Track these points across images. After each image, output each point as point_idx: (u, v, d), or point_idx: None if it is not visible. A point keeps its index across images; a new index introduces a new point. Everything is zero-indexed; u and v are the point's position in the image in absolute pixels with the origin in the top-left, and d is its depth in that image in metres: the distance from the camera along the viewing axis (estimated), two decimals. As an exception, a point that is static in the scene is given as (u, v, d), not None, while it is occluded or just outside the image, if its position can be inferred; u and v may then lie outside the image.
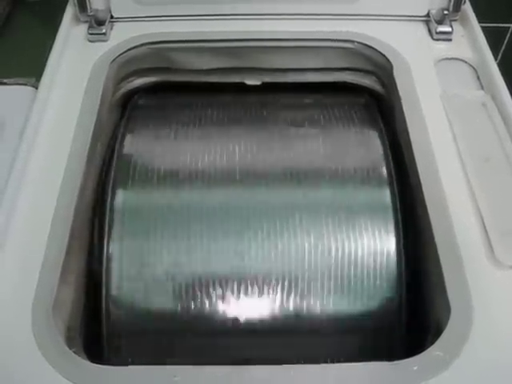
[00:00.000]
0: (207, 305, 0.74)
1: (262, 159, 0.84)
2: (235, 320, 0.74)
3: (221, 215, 0.78)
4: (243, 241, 0.76)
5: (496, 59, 0.92)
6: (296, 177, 0.81)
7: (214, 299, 0.74)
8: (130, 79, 0.97)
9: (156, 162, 0.84)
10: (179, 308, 0.74)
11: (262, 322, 0.74)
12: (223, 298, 0.74)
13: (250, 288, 0.74)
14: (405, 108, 0.84)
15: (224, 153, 0.86)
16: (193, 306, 0.74)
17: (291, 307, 0.74)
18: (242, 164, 0.84)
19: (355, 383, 0.62)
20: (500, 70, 0.89)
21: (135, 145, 0.86)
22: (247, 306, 0.74)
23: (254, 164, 0.84)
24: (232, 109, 0.94)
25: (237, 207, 0.79)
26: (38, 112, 0.83)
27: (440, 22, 0.96)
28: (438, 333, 0.64)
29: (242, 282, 0.74)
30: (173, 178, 0.82)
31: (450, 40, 0.95)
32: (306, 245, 0.75)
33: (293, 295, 0.74)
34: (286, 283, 0.74)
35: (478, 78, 0.90)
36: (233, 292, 0.74)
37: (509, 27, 1.36)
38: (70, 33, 0.97)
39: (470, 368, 0.61)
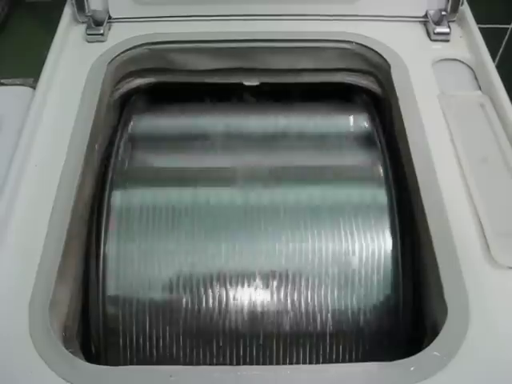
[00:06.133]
0: (205, 304, 0.74)
1: (262, 161, 0.85)
2: (236, 319, 0.74)
3: (220, 216, 0.78)
4: (242, 241, 0.76)
5: (494, 60, 0.92)
6: (294, 178, 0.81)
7: (212, 299, 0.74)
8: (127, 80, 0.97)
9: (154, 162, 0.84)
10: (176, 308, 0.74)
11: (261, 320, 0.74)
12: (221, 297, 0.74)
13: (249, 287, 0.74)
14: (402, 108, 0.84)
15: (224, 154, 0.86)
16: (191, 306, 0.74)
17: (290, 307, 0.74)
18: (242, 166, 0.84)
19: (353, 383, 0.62)
20: (498, 71, 0.89)
21: (133, 145, 0.86)
22: (247, 305, 0.74)
23: (254, 165, 0.84)
24: (231, 111, 0.94)
25: (235, 208, 0.79)
26: (35, 112, 0.83)
27: (438, 23, 0.96)
28: (435, 333, 0.64)
29: (242, 281, 0.75)
30: (171, 179, 0.82)
31: (448, 41, 0.95)
32: (304, 245, 0.76)
33: (291, 295, 0.74)
34: (283, 284, 0.74)
35: (476, 78, 0.90)
36: (233, 291, 0.74)
37: (507, 28, 1.36)
38: (68, 33, 0.97)
39: (467, 368, 0.61)
